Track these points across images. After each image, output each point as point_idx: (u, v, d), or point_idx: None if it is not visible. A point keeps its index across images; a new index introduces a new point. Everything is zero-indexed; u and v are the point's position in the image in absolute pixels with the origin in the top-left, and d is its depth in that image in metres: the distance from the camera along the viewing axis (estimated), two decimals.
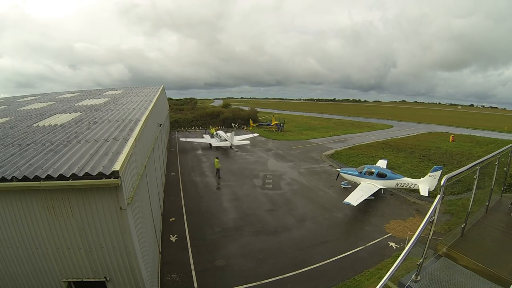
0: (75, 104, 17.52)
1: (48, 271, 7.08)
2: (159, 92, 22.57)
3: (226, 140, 30.59)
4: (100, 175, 6.04)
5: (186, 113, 57.24)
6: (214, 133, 35.63)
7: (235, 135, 32.85)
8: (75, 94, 24.93)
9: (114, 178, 5.97)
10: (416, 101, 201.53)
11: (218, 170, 21.91)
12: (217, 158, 22.67)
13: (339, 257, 11.48)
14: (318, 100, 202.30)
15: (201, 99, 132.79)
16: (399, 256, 2.71)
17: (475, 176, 4.31)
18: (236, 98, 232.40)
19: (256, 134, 36.25)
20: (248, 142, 32.10)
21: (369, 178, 17.46)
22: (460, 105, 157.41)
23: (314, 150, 31.96)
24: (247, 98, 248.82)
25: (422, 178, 16.57)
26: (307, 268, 10.75)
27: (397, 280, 3.58)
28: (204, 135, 35.25)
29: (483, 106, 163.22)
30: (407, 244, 2.94)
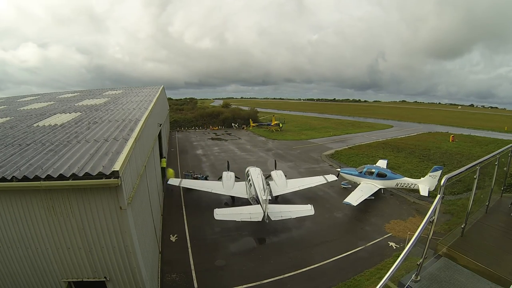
0: (75, 104, 17.53)
1: (48, 271, 7.08)
2: (159, 92, 22.58)
3: (257, 202, 13.63)
4: (100, 175, 6.04)
5: (186, 113, 57.27)
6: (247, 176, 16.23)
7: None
8: (75, 94, 24.94)
9: (114, 178, 5.97)
10: (416, 101, 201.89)
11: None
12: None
13: (339, 257, 11.47)
14: (318, 100, 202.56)
15: (200, 99, 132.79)
16: (399, 256, 2.71)
17: (475, 176, 4.31)
18: (236, 98, 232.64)
19: (332, 178, 17.60)
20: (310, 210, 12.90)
21: (369, 178, 17.46)
22: (460, 105, 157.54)
23: (314, 150, 31.94)
24: (247, 98, 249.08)
25: (422, 178, 16.57)
26: (307, 268, 10.75)
27: (397, 280, 3.58)
28: (224, 173, 17.15)
29: (483, 106, 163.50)
30: (407, 244, 2.94)
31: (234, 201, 16.11)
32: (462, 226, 4.57)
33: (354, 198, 14.81)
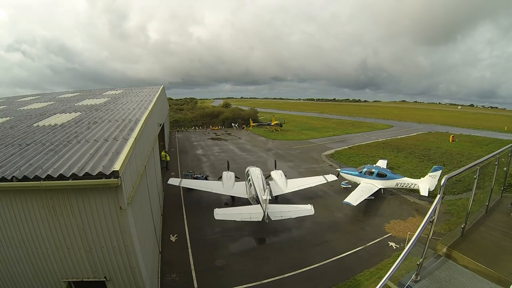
0: (75, 104, 17.52)
1: (48, 271, 7.08)
2: (159, 92, 22.57)
3: (257, 202, 13.64)
4: (100, 175, 6.04)
5: (186, 113, 57.32)
6: (248, 177, 16.04)
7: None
8: (75, 94, 24.94)
9: (114, 178, 5.97)
10: (416, 101, 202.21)
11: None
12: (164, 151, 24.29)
13: (339, 257, 11.47)
14: (318, 100, 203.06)
15: (201, 99, 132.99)
16: (399, 256, 2.72)
17: (475, 176, 4.31)
18: (236, 98, 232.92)
19: (332, 178, 17.53)
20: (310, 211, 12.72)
21: (369, 178, 17.47)
22: (460, 105, 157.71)
23: (314, 150, 31.94)
24: (247, 98, 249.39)
25: (422, 178, 16.60)
26: (307, 268, 10.74)
27: (397, 280, 3.58)
28: (224, 173, 17.18)
29: (483, 106, 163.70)
30: (407, 244, 2.95)
31: (234, 201, 16.14)
32: (462, 226, 4.57)
33: (354, 198, 14.81)
